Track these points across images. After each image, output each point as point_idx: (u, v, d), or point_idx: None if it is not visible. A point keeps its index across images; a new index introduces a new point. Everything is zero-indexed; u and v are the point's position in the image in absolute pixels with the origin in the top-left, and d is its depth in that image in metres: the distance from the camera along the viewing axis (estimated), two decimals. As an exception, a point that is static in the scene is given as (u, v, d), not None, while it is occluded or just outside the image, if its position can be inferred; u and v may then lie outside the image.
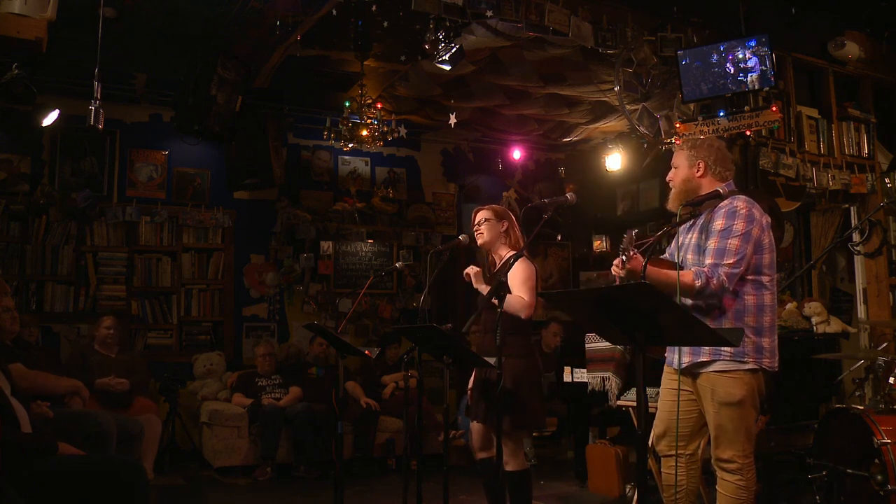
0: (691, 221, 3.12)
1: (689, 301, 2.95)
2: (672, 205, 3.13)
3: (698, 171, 3.10)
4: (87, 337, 6.26)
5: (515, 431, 3.59)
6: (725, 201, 2.97)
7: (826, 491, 4.05)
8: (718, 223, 2.93)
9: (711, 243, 2.91)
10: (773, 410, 4.49)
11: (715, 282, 2.83)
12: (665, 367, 3.21)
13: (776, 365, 2.97)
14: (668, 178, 3.22)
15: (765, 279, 2.96)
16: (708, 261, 2.90)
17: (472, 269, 3.64)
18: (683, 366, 3.00)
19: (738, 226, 2.89)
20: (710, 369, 2.93)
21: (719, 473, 2.97)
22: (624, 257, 2.73)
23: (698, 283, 2.83)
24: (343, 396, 4.40)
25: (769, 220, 3.03)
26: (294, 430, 6.09)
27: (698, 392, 3.01)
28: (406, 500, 3.82)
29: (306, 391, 6.41)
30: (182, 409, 6.44)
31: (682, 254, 3.06)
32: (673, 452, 3.06)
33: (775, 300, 3.03)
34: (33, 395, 3.64)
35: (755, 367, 2.91)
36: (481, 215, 3.81)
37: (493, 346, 3.18)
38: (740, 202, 2.95)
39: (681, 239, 3.11)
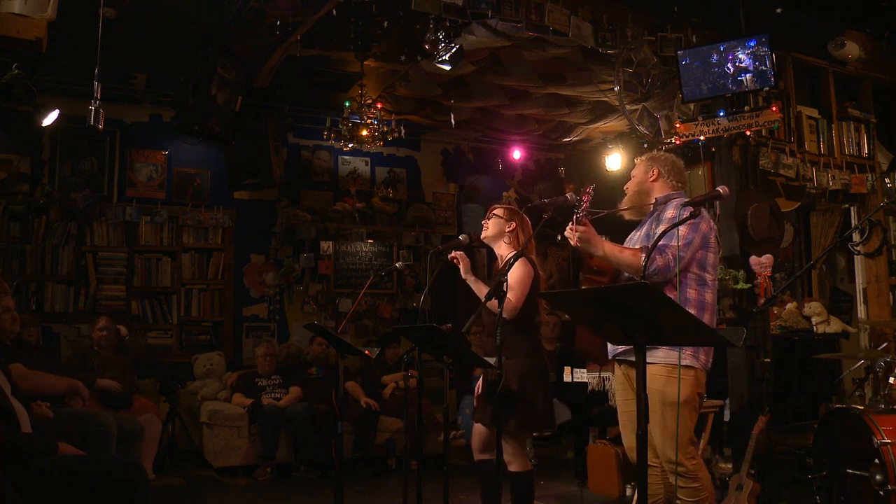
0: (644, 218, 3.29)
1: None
2: (626, 206, 3.34)
3: (652, 176, 3.31)
4: (87, 337, 6.27)
5: (521, 432, 3.58)
6: (677, 198, 3.18)
7: (826, 491, 4.06)
8: (669, 213, 3.10)
9: (661, 228, 2.98)
10: (773, 410, 4.49)
11: (660, 260, 2.91)
12: (615, 366, 3.27)
13: (710, 364, 3.05)
14: (624, 187, 3.42)
15: (708, 277, 3.08)
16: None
17: (460, 256, 3.61)
18: (618, 353, 3.11)
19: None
20: (649, 361, 2.91)
21: (671, 479, 2.95)
22: (575, 221, 2.84)
23: (643, 256, 2.89)
24: (343, 396, 4.39)
25: (716, 227, 3.19)
26: (294, 430, 6.09)
27: None
28: (406, 500, 3.82)
29: (306, 391, 6.41)
30: (182, 409, 6.43)
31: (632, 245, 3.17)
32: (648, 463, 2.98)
33: (716, 301, 3.14)
34: (33, 395, 3.63)
35: (693, 363, 2.95)
36: (493, 211, 3.84)
37: (495, 347, 3.17)
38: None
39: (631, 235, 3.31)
